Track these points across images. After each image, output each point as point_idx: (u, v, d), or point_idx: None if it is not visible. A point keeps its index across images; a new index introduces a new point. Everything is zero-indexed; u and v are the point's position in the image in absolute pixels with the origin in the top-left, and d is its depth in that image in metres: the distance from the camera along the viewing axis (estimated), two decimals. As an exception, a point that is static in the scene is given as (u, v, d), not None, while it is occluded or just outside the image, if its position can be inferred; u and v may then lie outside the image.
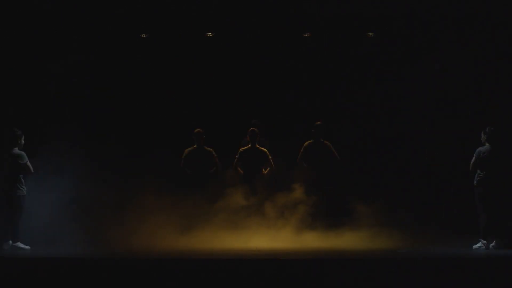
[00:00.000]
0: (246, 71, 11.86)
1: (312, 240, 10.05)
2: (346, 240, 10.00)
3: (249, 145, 10.83)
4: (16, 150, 9.50)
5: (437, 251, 9.27)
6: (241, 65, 11.85)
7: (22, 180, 9.52)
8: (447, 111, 11.50)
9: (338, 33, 11.39)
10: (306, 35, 11.41)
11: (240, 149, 10.88)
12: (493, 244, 9.41)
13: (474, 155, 9.63)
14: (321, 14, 11.03)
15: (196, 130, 10.88)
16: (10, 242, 9.39)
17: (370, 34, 11.30)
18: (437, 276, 7.69)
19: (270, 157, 10.78)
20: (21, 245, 9.37)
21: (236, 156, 10.82)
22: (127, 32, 11.30)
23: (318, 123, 10.92)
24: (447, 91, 11.58)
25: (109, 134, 11.51)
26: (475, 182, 9.62)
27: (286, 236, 10.18)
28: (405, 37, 11.42)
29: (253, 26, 11.26)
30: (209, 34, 11.33)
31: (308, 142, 10.96)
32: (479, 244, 9.44)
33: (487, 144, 9.56)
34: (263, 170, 10.82)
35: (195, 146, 10.88)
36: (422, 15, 10.97)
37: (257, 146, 10.81)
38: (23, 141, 9.57)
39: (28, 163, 9.51)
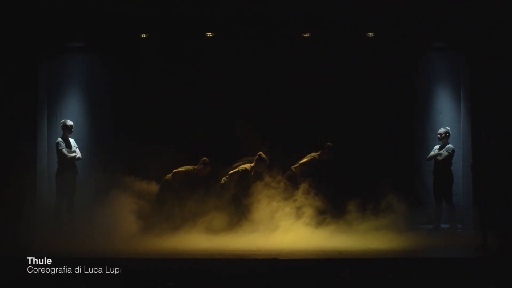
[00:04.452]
0: (245, 73, 11.78)
1: (312, 240, 10.05)
2: (345, 240, 10.00)
3: (249, 168, 10.75)
4: None
5: (437, 251, 9.28)
6: (239, 65, 11.79)
7: None
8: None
9: (337, 34, 11.35)
10: (306, 35, 11.39)
11: (239, 169, 10.78)
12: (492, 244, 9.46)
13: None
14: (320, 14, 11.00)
15: (204, 158, 10.93)
16: None
17: (370, 34, 11.28)
18: (437, 276, 7.70)
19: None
20: None
21: (231, 175, 10.74)
22: (128, 31, 11.27)
23: (329, 144, 11.01)
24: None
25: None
26: None
27: (285, 236, 10.18)
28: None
29: (252, 26, 11.23)
30: (209, 34, 11.30)
31: (313, 157, 10.97)
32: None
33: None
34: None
35: (192, 168, 10.88)
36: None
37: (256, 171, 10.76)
38: None
39: None
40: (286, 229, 10.26)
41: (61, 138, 10.82)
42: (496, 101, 10.69)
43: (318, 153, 11.13)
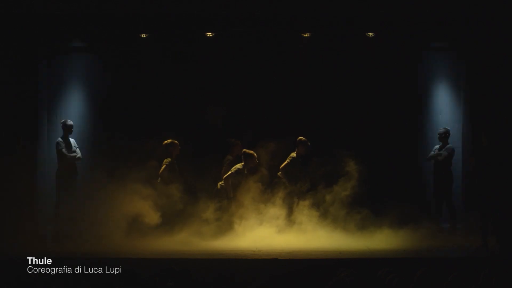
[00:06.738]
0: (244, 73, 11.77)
1: (313, 241, 10.05)
2: (345, 240, 10.00)
3: (241, 167, 10.61)
4: None
5: (437, 251, 9.28)
6: (239, 65, 11.76)
7: None
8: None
9: (337, 34, 11.33)
10: (306, 35, 11.37)
11: (232, 171, 10.59)
12: (492, 244, 9.45)
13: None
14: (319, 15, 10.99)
15: (170, 141, 10.74)
16: None
17: (370, 34, 11.27)
18: (437, 276, 7.69)
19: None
20: None
21: (226, 179, 10.60)
22: (128, 31, 11.26)
23: (300, 138, 10.92)
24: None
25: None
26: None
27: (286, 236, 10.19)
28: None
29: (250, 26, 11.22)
30: (209, 34, 11.29)
31: (292, 157, 10.92)
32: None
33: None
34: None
35: (170, 159, 10.72)
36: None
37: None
38: None
39: None
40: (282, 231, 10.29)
41: (61, 138, 10.82)
42: (495, 101, 10.68)
43: (294, 152, 11.05)
